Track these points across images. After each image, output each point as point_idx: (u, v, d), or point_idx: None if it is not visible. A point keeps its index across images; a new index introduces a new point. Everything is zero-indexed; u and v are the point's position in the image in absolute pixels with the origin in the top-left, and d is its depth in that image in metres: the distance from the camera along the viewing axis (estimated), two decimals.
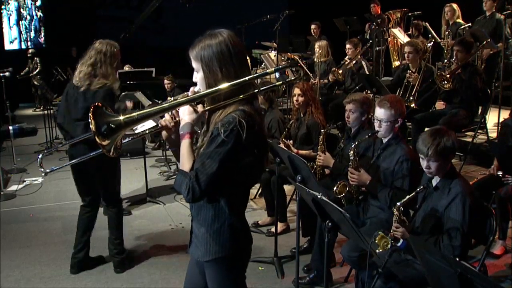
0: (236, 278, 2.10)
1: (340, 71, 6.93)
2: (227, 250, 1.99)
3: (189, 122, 1.94)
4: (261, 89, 2.06)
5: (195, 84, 2.00)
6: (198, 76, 1.97)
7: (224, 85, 1.89)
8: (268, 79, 8.04)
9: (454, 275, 1.81)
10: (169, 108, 1.97)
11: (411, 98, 5.54)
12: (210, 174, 1.83)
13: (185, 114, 1.95)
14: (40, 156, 2.40)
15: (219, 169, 1.84)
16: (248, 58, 2.13)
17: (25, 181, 6.41)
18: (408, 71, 5.71)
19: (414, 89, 5.57)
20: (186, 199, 1.88)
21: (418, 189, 2.74)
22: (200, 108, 1.96)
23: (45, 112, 8.65)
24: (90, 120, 1.85)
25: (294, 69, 7.20)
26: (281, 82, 2.20)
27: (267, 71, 2.13)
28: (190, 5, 10.96)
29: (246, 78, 1.92)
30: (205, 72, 1.92)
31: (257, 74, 2.01)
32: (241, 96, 1.92)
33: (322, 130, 4.06)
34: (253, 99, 1.97)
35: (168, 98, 2.36)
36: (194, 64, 1.96)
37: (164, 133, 2.04)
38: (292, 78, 2.25)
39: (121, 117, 1.89)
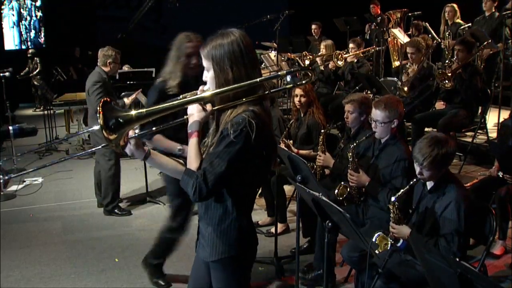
0: (241, 278, 2.09)
1: (345, 56, 6.93)
2: (233, 250, 1.99)
3: (197, 120, 1.93)
4: (272, 91, 2.05)
5: (204, 83, 2.00)
6: (208, 75, 1.97)
7: (234, 86, 1.89)
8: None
9: (454, 275, 1.81)
10: (178, 105, 1.97)
11: (404, 83, 5.60)
12: (218, 174, 1.83)
13: (194, 112, 1.95)
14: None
15: (228, 169, 1.83)
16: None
17: (25, 181, 6.41)
18: (409, 64, 5.79)
19: (408, 76, 5.61)
20: (192, 198, 1.87)
21: (411, 182, 2.73)
22: (209, 107, 1.96)
23: (45, 112, 8.64)
24: (98, 114, 1.86)
25: (303, 72, 7.21)
26: (291, 85, 2.18)
27: (279, 73, 2.10)
28: (179, 4, 10.97)
29: (258, 79, 1.92)
30: (216, 71, 1.92)
31: (268, 77, 2.00)
32: (251, 97, 1.91)
33: (322, 130, 4.07)
34: (262, 100, 1.97)
35: None
36: (205, 63, 1.97)
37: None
38: (304, 81, 2.21)
39: (132, 112, 1.89)
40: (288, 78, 7.35)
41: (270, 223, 4.66)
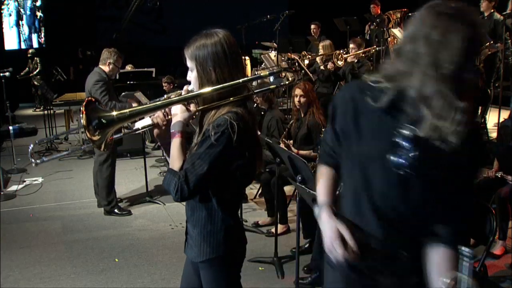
0: (230, 278, 2.10)
1: (345, 56, 6.94)
2: (220, 251, 2.00)
3: (180, 120, 1.93)
4: (256, 91, 2.05)
5: (189, 83, 2.01)
6: (192, 75, 1.97)
7: (218, 87, 1.89)
8: (266, 79, 8.03)
9: None
10: (162, 106, 1.97)
11: None
12: (200, 175, 1.83)
13: (178, 113, 1.95)
14: (31, 146, 2.31)
15: (209, 170, 1.84)
16: (245, 58, 2.12)
17: (25, 181, 6.42)
18: None
19: None
20: (174, 198, 1.89)
21: None
22: (192, 107, 1.96)
23: (45, 112, 8.65)
24: (81, 115, 1.86)
25: (291, 70, 7.23)
26: (275, 86, 2.17)
27: (261, 74, 2.09)
28: (158, 4, 11.03)
29: (240, 80, 1.92)
30: (199, 72, 1.93)
31: (250, 77, 1.99)
32: (234, 98, 1.91)
33: (323, 129, 4.07)
34: (246, 101, 1.97)
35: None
36: (189, 63, 1.97)
37: (155, 130, 2.03)
38: (287, 82, 2.21)
39: (114, 113, 1.90)
40: (272, 78, 7.41)
41: (270, 223, 4.66)
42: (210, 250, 1.99)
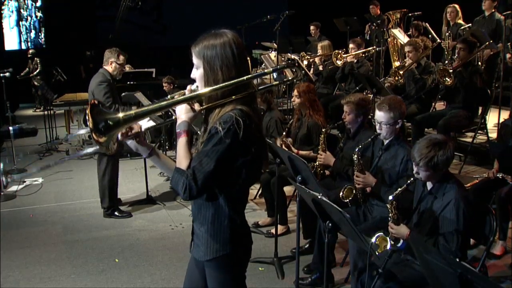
0: (236, 277, 2.10)
1: (344, 55, 6.94)
2: (227, 249, 2.00)
3: (185, 120, 1.95)
4: (259, 88, 2.07)
5: (193, 81, 2.02)
6: (197, 73, 1.98)
7: (222, 85, 1.91)
8: (266, 79, 8.01)
9: (454, 275, 1.81)
10: (167, 106, 2.00)
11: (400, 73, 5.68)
12: (207, 173, 1.85)
13: (182, 113, 1.96)
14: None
15: (216, 167, 1.85)
16: (248, 58, 2.13)
17: (25, 181, 6.41)
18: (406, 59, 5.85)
19: (407, 64, 5.71)
20: (182, 197, 1.89)
21: (408, 181, 2.74)
22: (197, 106, 1.97)
23: (45, 112, 8.64)
24: (87, 118, 1.87)
25: (293, 69, 7.21)
26: (278, 82, 2.18)
27: (265, 71, 2.12)
28: (140, 4, 11.03)
29: (244, 77, 1.94)
30: (206, 70, 1.94)
31: (255, 74, 2.02)
32: (239, 95, 1.93)
33: (323, 130, 4.07)
34: (251, 100, 1.98)
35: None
36: (195, 61, 1.98)
37: (131, 141, 2.02)
38: (290, 78, 2.24)
39: (120, 115, 1.91)
40: (275, 75, 7.41)
41: (270, 223, 4.65)
42: (217, 248, 2.00)
